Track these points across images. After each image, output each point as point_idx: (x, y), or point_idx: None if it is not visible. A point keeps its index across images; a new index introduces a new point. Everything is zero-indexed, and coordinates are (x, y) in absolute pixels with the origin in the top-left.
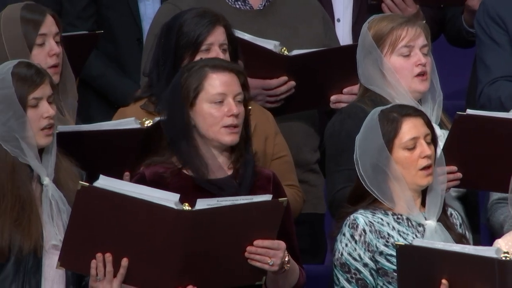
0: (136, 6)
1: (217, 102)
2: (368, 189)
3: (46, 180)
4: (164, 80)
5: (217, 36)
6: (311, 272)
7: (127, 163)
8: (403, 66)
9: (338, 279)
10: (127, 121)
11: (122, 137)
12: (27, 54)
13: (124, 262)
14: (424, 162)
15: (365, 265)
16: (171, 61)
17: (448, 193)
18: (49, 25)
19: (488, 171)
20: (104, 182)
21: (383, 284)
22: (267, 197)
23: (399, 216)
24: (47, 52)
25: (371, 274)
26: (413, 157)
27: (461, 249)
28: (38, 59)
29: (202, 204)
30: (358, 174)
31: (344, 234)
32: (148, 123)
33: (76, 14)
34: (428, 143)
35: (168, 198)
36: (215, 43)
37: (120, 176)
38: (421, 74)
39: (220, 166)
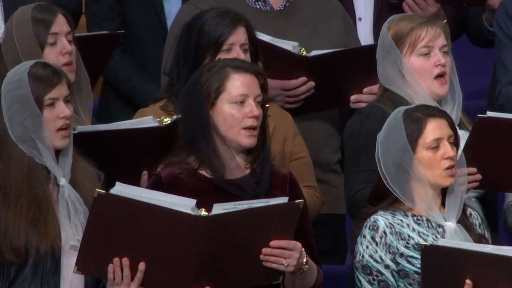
0: (161, 5)
1: (238, 103)
2: (389, 188)
3: (62, 181)
4: (185, 79)
5: (239, 36)
6: (332, 272)
7: (146, 162)
8: (423, 67)
9: (360, 281)
10: (145, 119)
11: (140, 136)
12: (39, 54)
13: (141, 266)
14: (447, 163)
15: (387, 266)
16: (191, 60)
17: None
18: (60, 24)
19: (508, 173)
20: (121, 188)
21: (404, 285)
22: (284, 200)
23: (419, 217)
24: (59, 51)
25: (393, 276)
26: (436, 157)
27: (485, 249)
28: (50, 58)
29: (218, 208)
30: (380, 173)
31: (364, 236)
32: (166, 121)
33: (103, 15)
34: (451, 145)
35: (185, 204)
36: (236, 43)
37: (138, 175)
38: (441, 76)
39: (238, 166)
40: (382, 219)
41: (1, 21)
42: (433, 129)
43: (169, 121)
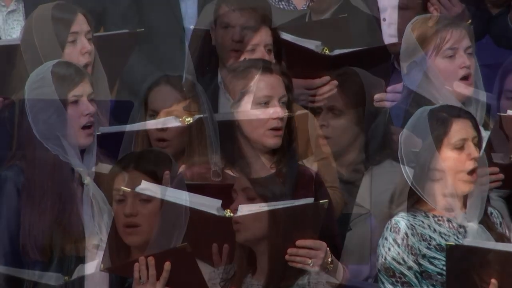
0: (178, 6)
1: (262, 104)
2: (412, 187)
3: (87, 179)
4: (209, 79)
5: (263, 36)
6: (356, 272)
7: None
8: (448, 69)
9: (383, 283)
10: (167, 119)
11: None
12: (60, 53)
13: (167, 265)
14: (471, 165)
15: (410, 268)
16: (215, 60)
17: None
18: (80, 23)
19: None
20: (146, 187)
21: (427, 287)
22: (309, 200)
23: (440, 218)
24: (79, 50)
25: (416, 277)
26: (461, 158)
27: (511, 248)
28: (70, 58)
29: (244, 210)
30: (403, 172)
31: (386, 239)
32: (188, 120)
33: (120, 15)
34: (474, 146)
35: (210, 204)
36: (260, 44)
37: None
38: (466, 77)
39: (263, 165)
40: (403, 220)
41: (23, 21)
42: (459, 129)
43: (191, 121)
